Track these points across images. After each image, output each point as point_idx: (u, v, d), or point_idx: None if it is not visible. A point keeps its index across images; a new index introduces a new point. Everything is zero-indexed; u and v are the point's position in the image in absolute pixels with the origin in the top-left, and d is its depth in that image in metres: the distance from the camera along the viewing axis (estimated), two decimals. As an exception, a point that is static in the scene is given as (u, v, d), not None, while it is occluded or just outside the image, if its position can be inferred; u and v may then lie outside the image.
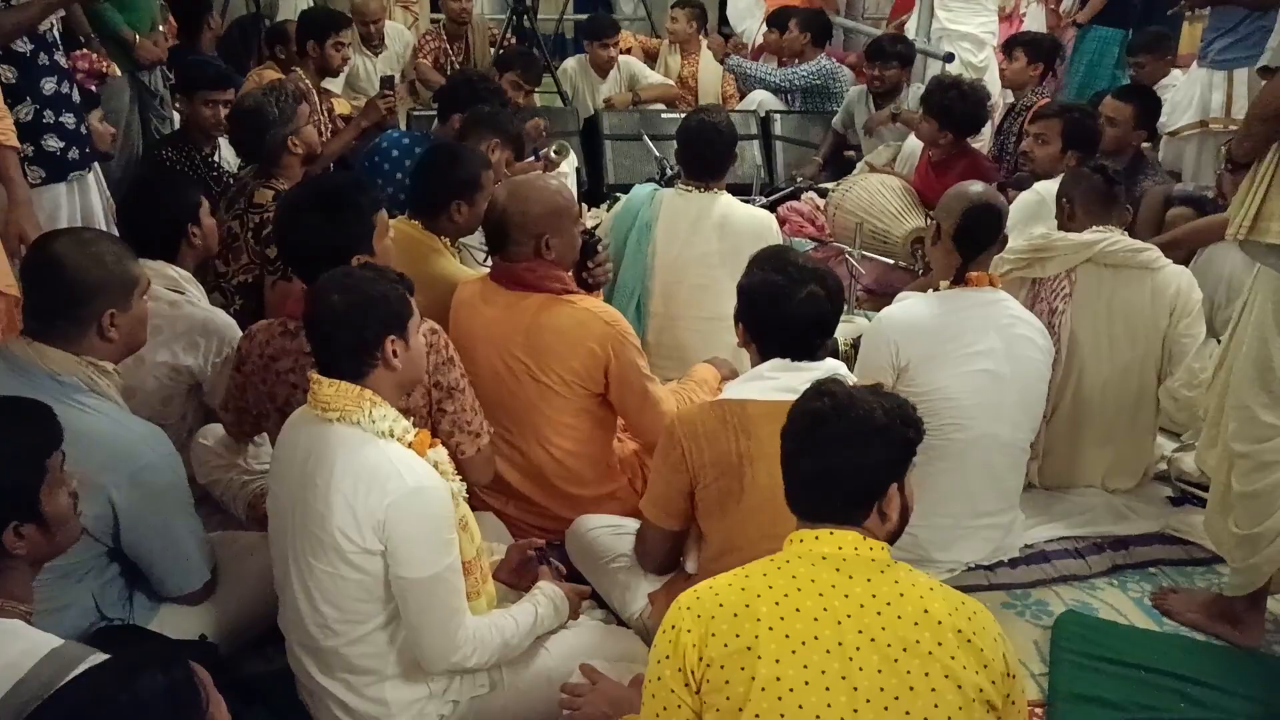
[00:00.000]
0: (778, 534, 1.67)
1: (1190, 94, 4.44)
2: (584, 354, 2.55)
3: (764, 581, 1.53)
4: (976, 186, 2.76)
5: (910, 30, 6.13)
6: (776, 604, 1.50)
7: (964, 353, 2.60)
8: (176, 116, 4.40)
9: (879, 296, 4.24)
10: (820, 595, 1.51)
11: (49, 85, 2.83)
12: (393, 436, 1.94)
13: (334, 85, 5.61)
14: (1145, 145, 4.34)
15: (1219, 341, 2.60)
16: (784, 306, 2.15)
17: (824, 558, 1.55)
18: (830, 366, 2.20)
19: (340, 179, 2.82)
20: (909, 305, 2.75)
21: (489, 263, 2.84)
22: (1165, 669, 2.38)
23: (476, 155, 3.09)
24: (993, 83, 5.95)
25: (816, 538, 1.56)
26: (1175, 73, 5.26)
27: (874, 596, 1.51)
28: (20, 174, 2.63)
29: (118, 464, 1.96)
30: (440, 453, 2.05)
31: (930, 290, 2.79)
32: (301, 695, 2.07)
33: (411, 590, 1.93)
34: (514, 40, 5.96)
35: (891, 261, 4.26)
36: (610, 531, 2.51)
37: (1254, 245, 2.27)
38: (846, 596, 1.51)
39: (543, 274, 2.60)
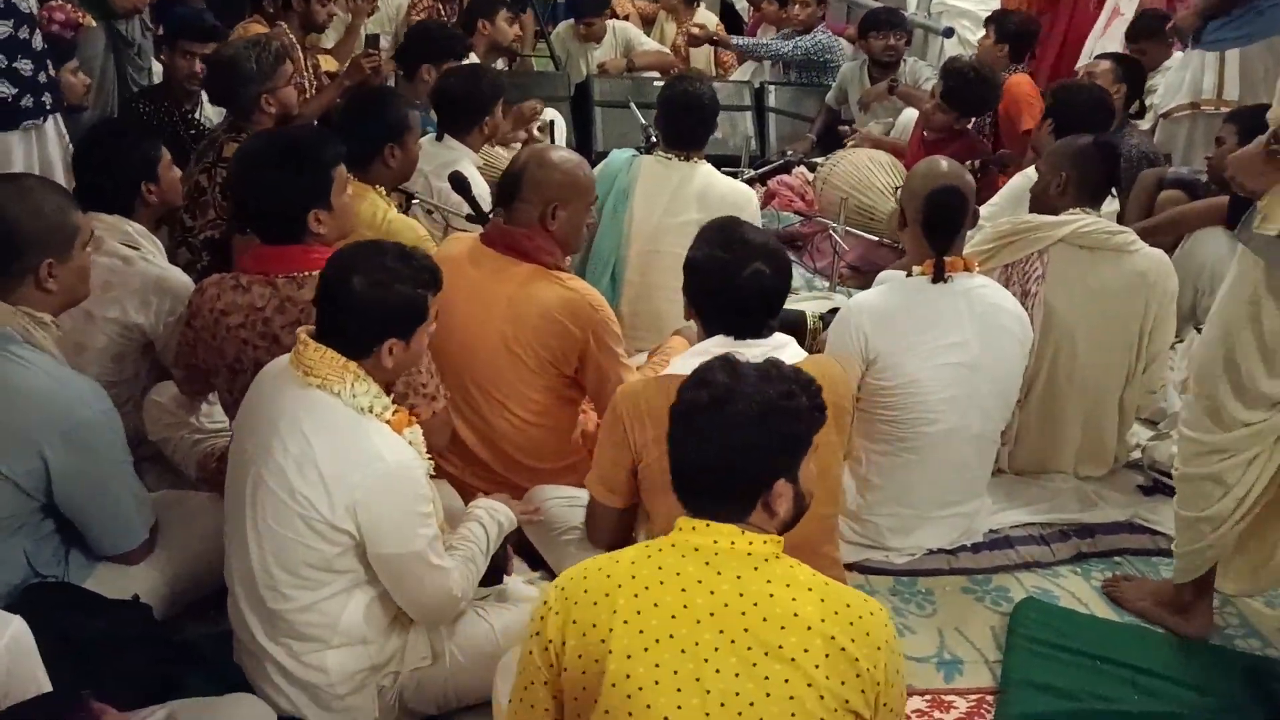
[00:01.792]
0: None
1: (1182, 76, 4.37)
2: (564, 334, 2.50)
3: (630, 570, 1.48)
4: (940, 165, 2.67)
5: (911, 4, 6.06)
6: (635, 596, 1.44)
7: (937, 344, 2.55)
8: (157, 68, 4.33)
9: (863, 273, 4.18)
10: (683, 590, 1.44)
11: (1, 29, 2.76)
12: (371, 413, 1.91)
13: (327, 42, 5.55)
14: (1134, 121, 4.26)
15: (1198, 331, 2.55)
16: (728, 283, 2.09)
17: (696, 549, 1.48)
18: (777, 343, 2.14)
19: (299, 131, 2.76)
20: (880, 293, 2.68)
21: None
22: (1120, 659, 2.35)
23: (400, 97, 3.06)
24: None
25: (694, 528, 1.50)
26: (1177, 55, 5.18)
27: (741, 595, 1.44)
28: None
29: (50, 420, 1.92)
30: (416, 432, 2.04)
31: (905, 275, 2.72)
32: (239, 657, 2.05)
33: (396, 564, 1.94)
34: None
35: (876, 239, 4.19)
36: (564, 503, 2.47)
37: (1257, 236, 2.19)
38: (711, 593, 1.44)
39: (539, 244, 2.54)
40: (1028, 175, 3.56)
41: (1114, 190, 3.32)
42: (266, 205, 2.28)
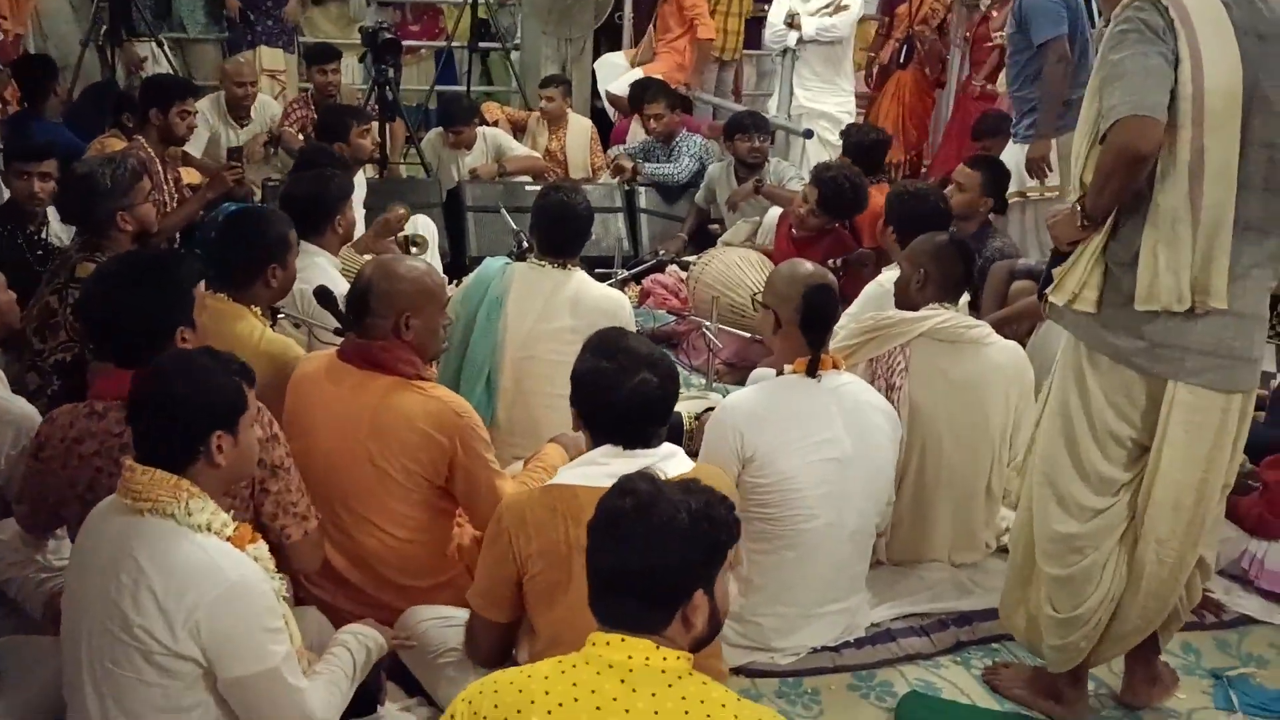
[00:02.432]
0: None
1: (1010, 167, 4.58)
2: (430, 444, 2.45)
3: (543, 685, 1.45)
4: (804, 267, 2.76)
5: (772, 107, 6.30)
6: (549, 713, 1.42)
7: (810, 441, 2.59)
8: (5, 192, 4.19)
9: (739, 369, 4.25)
10: (597, 709, 1.42)
11: None
12: (209, 530, 1.84)
13: (194, 152, 5.47)
14: (992, 214, 4.47)
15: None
16: (615, 394, 2.10)
17: (611, 666, 1.47)
18: (665, 452, 2.15)
19: (156, 251, 2.70)
20: (753, 392, 2.74)
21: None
22: (1003, 748, 2.37)
23: (279, 215, 3.02)
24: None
25: (608, 643, 1.48)
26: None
27: (656, 714, 1.42)
28: None
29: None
30: (261, 549, 1.96)
31: (776, 374, 2.77)
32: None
33: (250, 688, 1.84)
34: (377, 110, 5.88)
35: (749, 335, 4.27)
36: (440, 624, 2.40)
37: (1066, 313, 2.31)
38: (627, 712, 1.42)
39: (397, 355, 2.50)
40: (880, 283, 3.68)
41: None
42: (130, 325, 2.22)
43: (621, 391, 2.09)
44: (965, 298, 3.59)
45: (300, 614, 2.38)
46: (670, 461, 2.15)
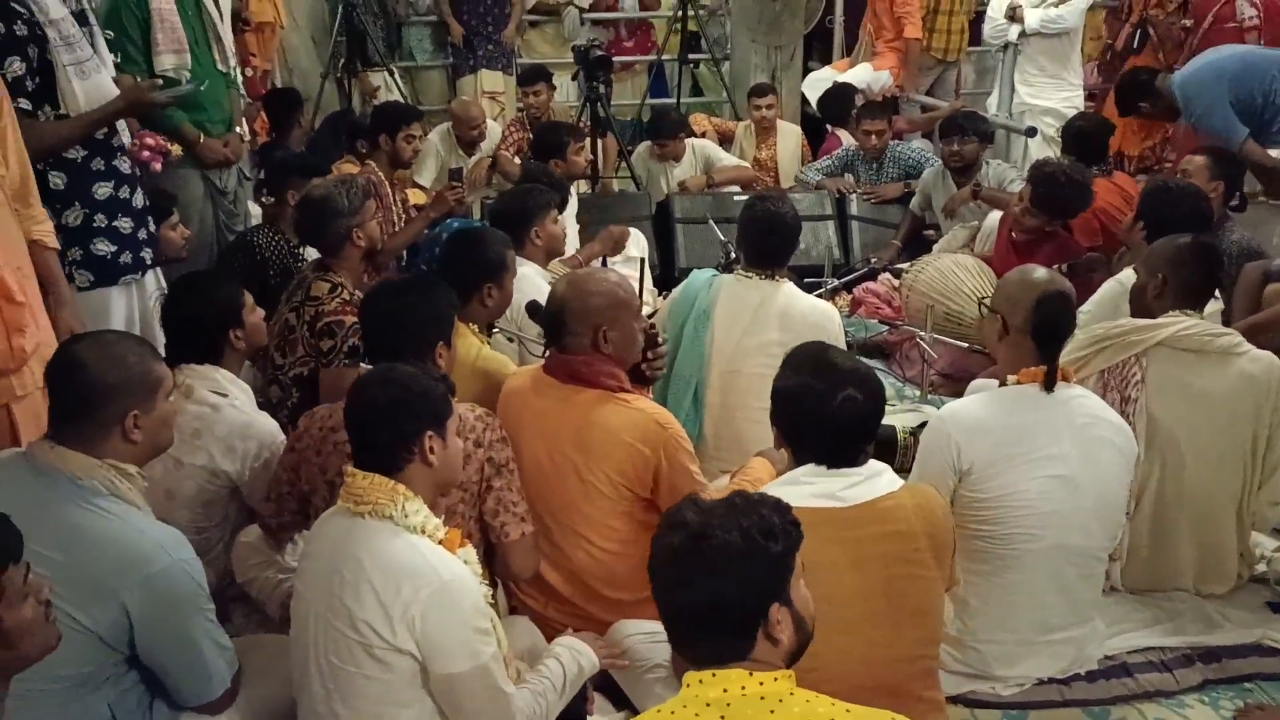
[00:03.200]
0: (814, 651, 1.58)
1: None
2: (635, 456, 2.47)
3: None
4: (1039, 273, 2.60)
5: (991, 106, 6.02)
6: None
7: (1034, 456, 2.44)
8: (254, 211, 4.52)
9: (955, 381, 4.06)
10: None
11: (102, 190, 2.92)
12: (424, 533, 1.95)
13: (424, 182, 5.77)
14: (1233, 213, 4.09)
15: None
16: (820, 412, 2.05)
17: (709, 704, 1.42)
18: (871, 471, 2.08)
19: (425, 275, 2.98)
20: (974, 403, 2.60)
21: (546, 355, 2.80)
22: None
23: (498, 236, 3.13)
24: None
25: (701, 681, 1.44)
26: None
27: None
28: (62, 276, 2.70)
29: (130, 569, 1.93)
30: (469, 553, 2.05)
31: (998, 384, 2.63)
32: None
33: (459, 685, 1.93)
34: (589, 126, 6.01)
35: (966, 345, 4.09)
36: (647, 639, 2.39)
37: None
38: None
39: (599, 369, 2.54)
40: (1120, 281, 3.43)
41: (1217, 290, 3.18)
42: (403, 331, 2.46)
43: (826, 410, 2.04)
44: (1218, 305, 3.31)
45: (511, 623, 2.47)
46: (878, 480, 2.08)
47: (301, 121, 6.00)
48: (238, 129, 4.26)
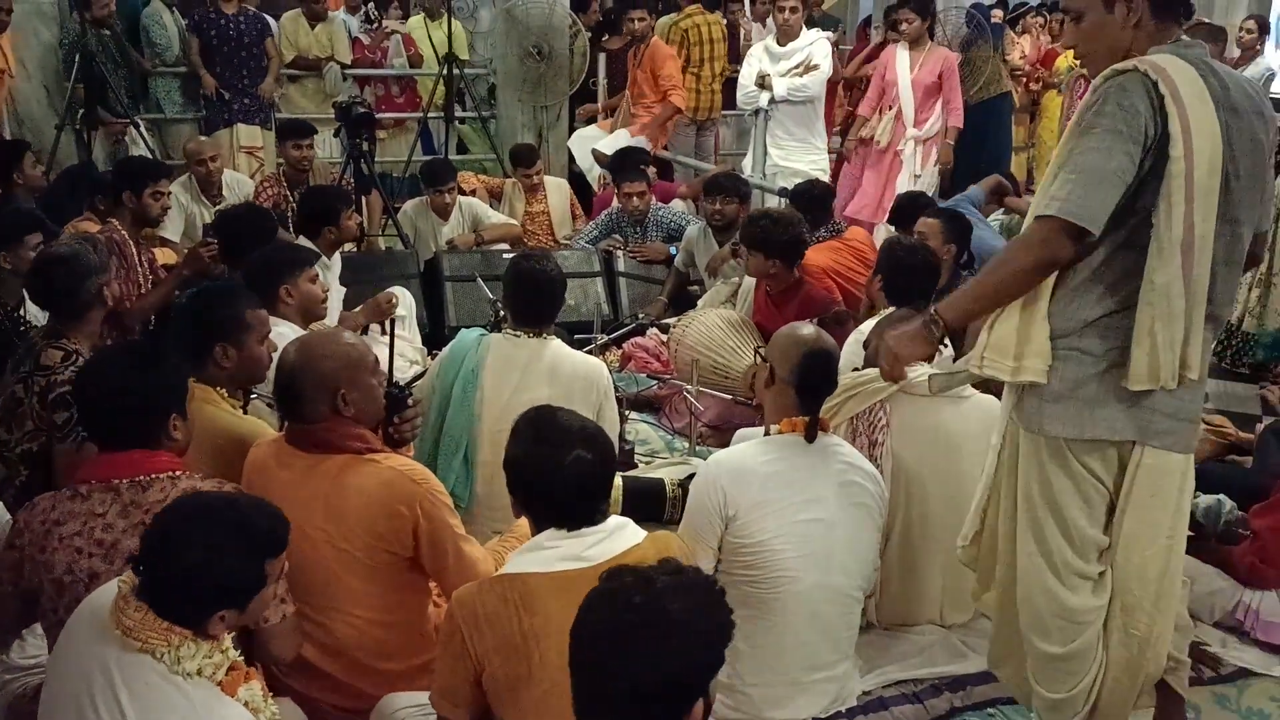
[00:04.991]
0: (576, 719, 1.55)
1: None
2: (390, 515, 2.38)
3: None
4: (808, 330, 2.74)
5: (746, 167, 6.33)
6: None
7: (795, 500, 2.55)
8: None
9: (723, 432, 4.20)
10: None
11: None
12: (200, 676, 1.79)
13: (171, 236, 5.46)
14: (964, 273, 4.45)
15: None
16: (552, 475, 2.05)
17: None
18: (613, 526, 2.10)
19: (149, 339, 2.69)
20: (739, 451, 2.70)
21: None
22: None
23: (238, 293, 2.92)
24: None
25: None
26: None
27: None
28: None
29: None
30: (254, 688, 1.91)
31: (763, 434, 2.73)
32: None
33: None
34: (352, 183, 5.89)
35: (730, 397, 4.24)
36: (417, 713, 2.30)
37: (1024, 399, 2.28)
38: None
39: (343, 432, 2.44)
40: (861, 332, 3.61)
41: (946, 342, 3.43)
42: (124, 409, 2.22)
43: (557, 472, 2.04)
44: (948, 352, 3.58)
45: (279, 705, 2.32)
46: (621, 535, 2.10)
47: (25, 176, 5.55)
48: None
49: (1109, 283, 2.14)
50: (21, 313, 3.83)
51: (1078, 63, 7.91)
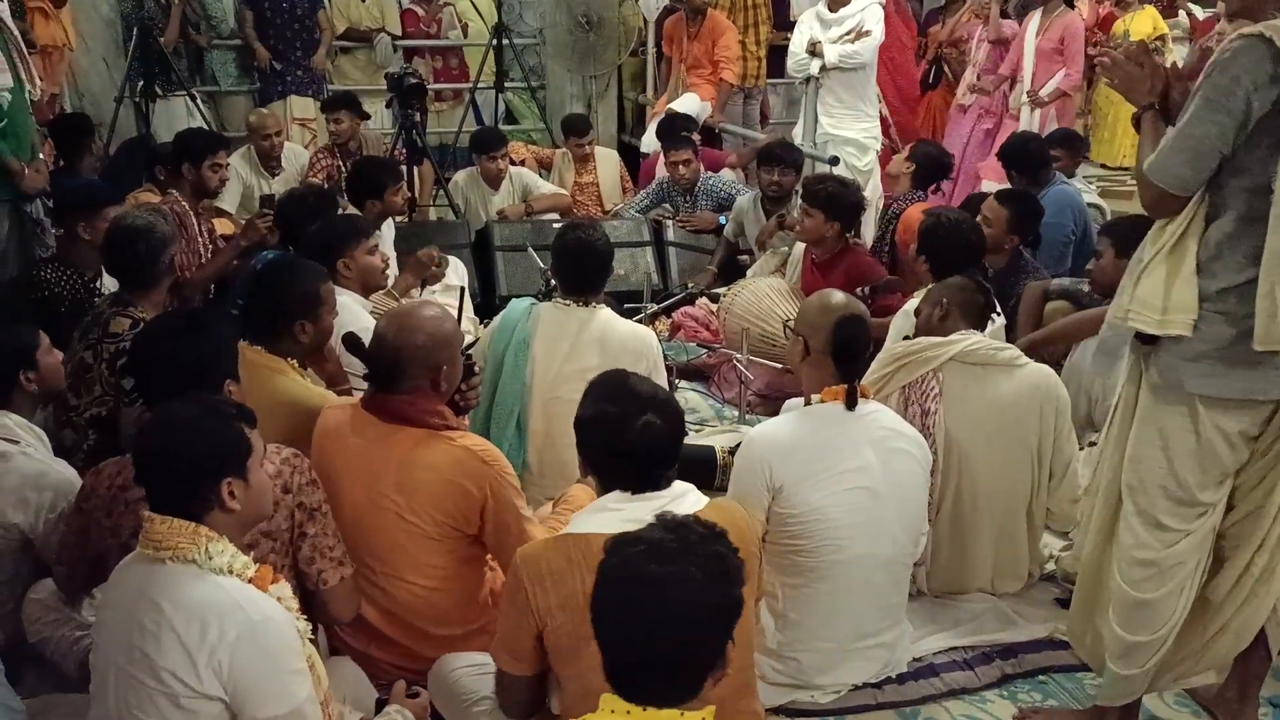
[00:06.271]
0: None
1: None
2: (459, 494, 2.42)
3: None
4: (837, 297, 2.74)
5: (797, 136, 6.27)
6: None
7: (840, 470, 2.55)
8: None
9: (772, 401, 4.21)
10: None
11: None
12: (231, 573, 1.85)
13: (228, 207, 5.55)
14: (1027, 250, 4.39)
15: (1093, 441, 2.58)
16: (621, 439, 2.07)
17: None
18: (677, 492, 2.12)
19: (200, 308, 2.75)
20: (781, 422, 2.70)
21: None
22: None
23: (311, 268, 2.96)
24: (875, 188, 6.12)
25: (629, 713, 1.44)
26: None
27: None
28: None
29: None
30: (284, 589, 1.96)
31: (803, 405, 2.74)
32: None
33: None
34: (405, 154, 5.94)
35: (779, 366, 4.23)
36: (473, 672, 2.37)
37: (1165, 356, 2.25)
38: None
39: (422, 407, 2.47)
40: (905, 312, 3.62)
41: (997, 310, 3.41)
42: (177, 376, 2.25)
43: (627, 437, 2.07)
44: (1001, 321, 3.55)
45: (335, 665, 2.40)
46: (683, 501, 2.12)
47: (94, 148, 5.68)
48: (40, 155, 4.01)
49: (1244, 251, 2.12)
50: (98, 285, 3.91)
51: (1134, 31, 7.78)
